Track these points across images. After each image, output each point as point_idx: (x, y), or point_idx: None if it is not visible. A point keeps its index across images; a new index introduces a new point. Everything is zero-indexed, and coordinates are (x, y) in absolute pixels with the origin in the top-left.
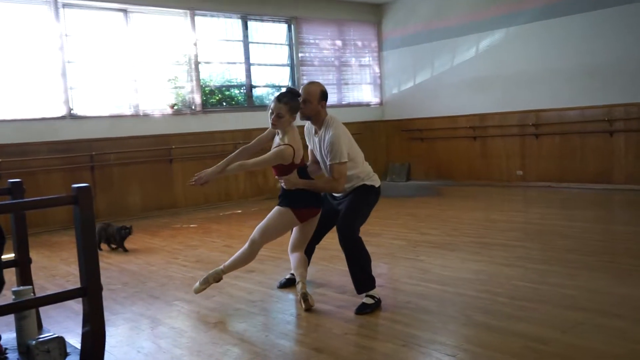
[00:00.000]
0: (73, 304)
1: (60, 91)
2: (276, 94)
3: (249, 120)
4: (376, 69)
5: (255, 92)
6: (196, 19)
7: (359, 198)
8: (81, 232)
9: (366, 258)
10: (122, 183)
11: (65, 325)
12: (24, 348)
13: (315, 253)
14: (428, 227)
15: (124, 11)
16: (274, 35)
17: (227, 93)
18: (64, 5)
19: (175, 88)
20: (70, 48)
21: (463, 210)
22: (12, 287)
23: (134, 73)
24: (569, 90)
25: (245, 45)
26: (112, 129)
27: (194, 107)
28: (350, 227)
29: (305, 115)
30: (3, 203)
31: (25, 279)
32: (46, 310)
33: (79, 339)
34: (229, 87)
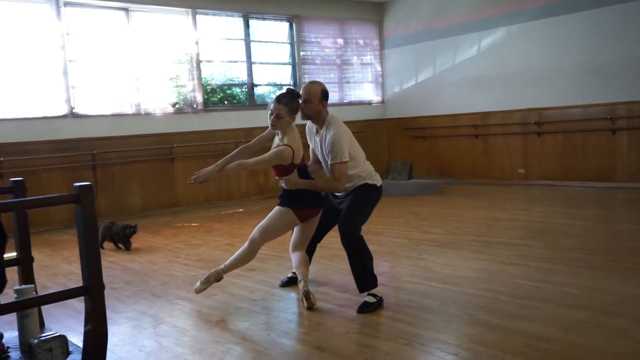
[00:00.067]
0: (75, 302)
1: (62, 90)
2: (276, 95)
3: (250, 119)
4: (378, 68)
5: (257, 91)
6: (198, 17)
7: (361, 197)
8: (83, 231)
9: (368, 257)
10: (124, 182)
11: (67, 323)
12: (26, 347)
13: (317, 252)
14: (430, 226)
15: (126, 10)
16: (276, 34)
17: (229, 92)
18: (66, 4)
19: (177, 87)
20: (71, 47)
21: (465, 208)
22: (14, 286)
23: (136, 72)
24: (571, 89)
25: (246, 44)
26: (114, 127)
27: (195, 106)
28: (351, 226)
29: (306, 115)
30: (5, 202)
31: (27, 277)
32: (48, 309)
33: (81, 338)
34: (230, 86)
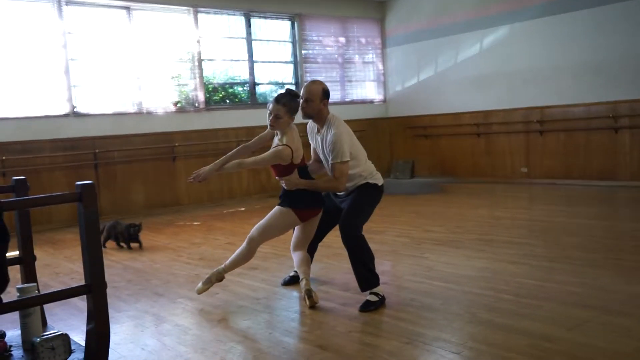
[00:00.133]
0: (77, 301)
1: (64, 89)
2: (275, 95)
3: (252, 118)
4: (380, 66)
5: (259, 90)
6: (199, 16)
7: (362, 196)
8: (85, 230)
9: (369, 256)
10: (126, 181)
11: (69, 322)
12: (28, 345)
13: (319, 251)
14: (432, 225)
15: (127, 8)
16: (277, 33)
17: (231, 90)
18: (67, 3)
19: (179, 85)
20: (73, 45)
21: (467, 207)
22: (17, 285)
23: (137, 71)
24: (573, 87)
25: (248, 43)
26: (116, 126)
27: (197, 105)
28: (352, 226)
29: (307, 114)
30: (7, 200)
31: (29, 276)
32: (50, 307)
33: (83, 336)
34: (232, 85)
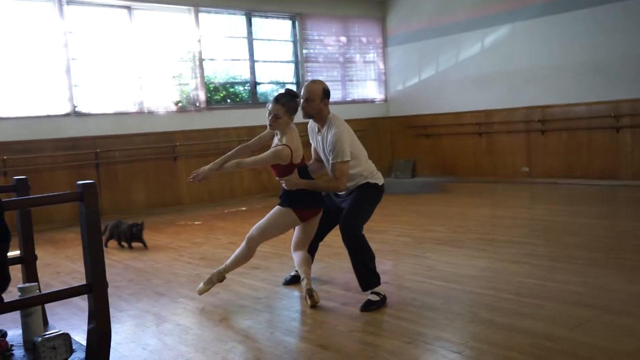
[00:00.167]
0: (79, 300)
1: (65, 88)
2: (274, 95)
3: (253, 117)
4: (381, 66)
5: (260, 89)
6: (200, 15)
7: (362, 196)
8: (86, 229)
9: (369, 255)
10: (127, 180)
11: (70, 322)
12: (29, 345)
13: (320, 250)
14: (433, 224)
15: (128, 8)
16: (278, 32)
17: (232, 90)
18: (68, 2)
19: (180, 85)
20: (74, 45)
21: (469, 206)
22: (18, 284)
23: (138, 70)
24: (575, 86)
25: (249, 42)
26: (117, 126)
27: (198, 104)
28: (352, 225)
29: (307, 114)
30: (8, 200)
31: (30, 276)
32: (52, 307)
33: (84, 336)
34: (233, 84)
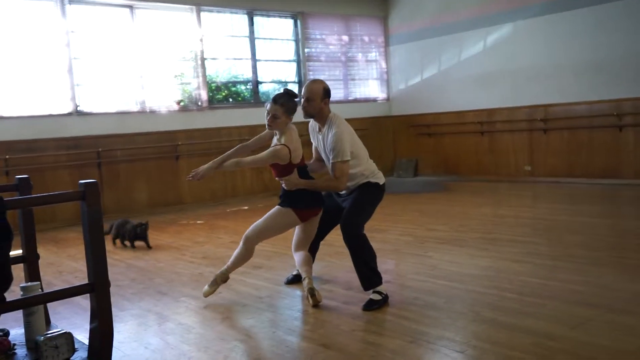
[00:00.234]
0: (81, 300)
1: (67, 88)
2: (273, 95)
3: (255, 116)
4: (383, 65)
5: (262, 88)
6: (202, 14)
7: (363, 195)
8: (88, 228)
9: (371, 254)
10: (129, 179)
11: (73, 321)
12: (32, 344)
13: (321, 249)
14: (436, 223)
15: (130, 7)
16: (280, 31)
17: (234, 89)
18: (70, 2)
19: (182, 84)
20: (76, 44)
21: (471, 205)
22: (20, 283)
23: (140, 69)
24: (577, 85)
25: (251, 41)
26: (119, 125)
27: (200, 104)
28: (353, 225)
29: (308, 113)
30: (11, 199)
31: (33, 275)
32: (54, 306)
33: (86, 335)
34: (235, 83)
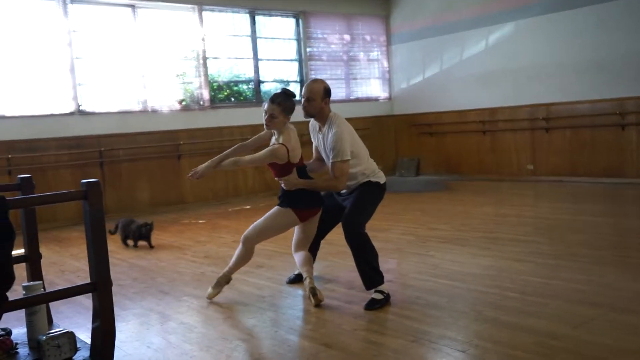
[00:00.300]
0: (83, 299)
1: (69, 87)
2: (270, 95)
3: (257, 116)
4: (385, 64)
5: (264, 88)
6: (204, 14)
7: (364, 194)
8: (90, 228)
9: (372, 253)
10: (131, 179)
11: (75, 320)
12: (34, 343)
13: (323, 249)
14: (437, 222)
15: (132, 7)
16: (282, 30)
17: (235, 88)
18: (72, 1)
19: (184, 84)
20: (78, 44)
21: (473, 205)
22: (22, 283)
23: (142, 69)
24: (579, 84)
25: (253, 41)
26: (121, 124)
27: (202, 103)
28: (355, 224)
29: (309, 113)
30: (13, 198)
31: (35, 274)
32: (56, 305)
33: (89, 334)
34: (237, 83)
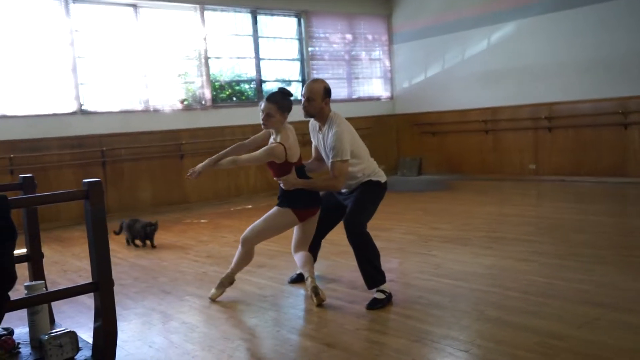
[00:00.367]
0: (85, 299)
1: (71, 87)
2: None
3: (258, 115)
4: (387, 63)
5: (265, 87)
6: (206, 13)
7: (365, 194)
8: (92, 227)
9: (374, 253)
10: (133, 178)
11: (77, 320)
12: (36, 342)
13: (325, 248)
14: (440, 222)
15: (134, 6)
16: (284, 30)
17: (237, 88)
18: (74, 1)
19: (186, 83)
20: (80, 43)
21: (475, 204)
22: (24, 282)
23: (144, 68)
24: (582, 83)
25: (255, 40)
26: (123, 124)
27: (204, 102)
28: (356, 223)
29: (309, 113)
30: (15, 198)
31: (37, 274)
32: (58, 305)
33: (91, 334)
34: (239, 82)
